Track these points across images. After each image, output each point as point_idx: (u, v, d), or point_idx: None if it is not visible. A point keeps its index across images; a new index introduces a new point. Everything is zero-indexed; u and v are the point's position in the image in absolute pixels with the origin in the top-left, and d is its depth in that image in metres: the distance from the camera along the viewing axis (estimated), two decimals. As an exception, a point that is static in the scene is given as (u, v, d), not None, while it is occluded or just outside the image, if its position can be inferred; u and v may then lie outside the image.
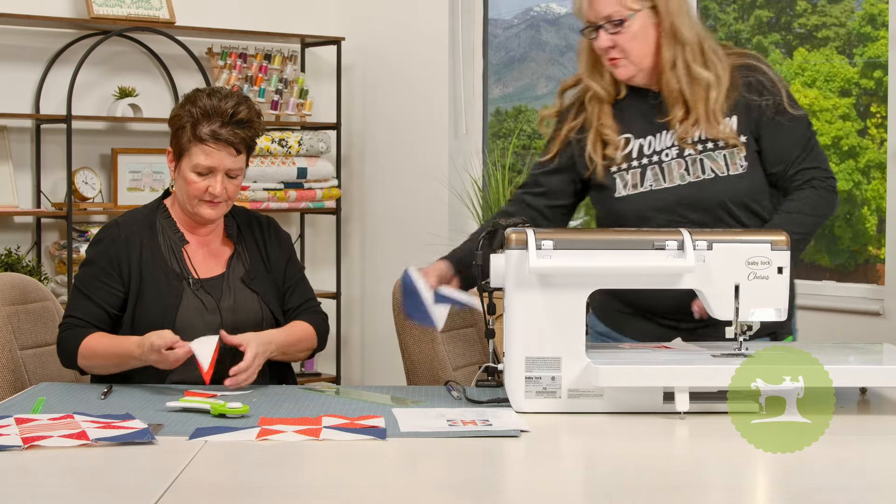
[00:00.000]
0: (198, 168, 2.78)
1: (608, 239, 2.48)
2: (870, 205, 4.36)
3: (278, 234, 2.99)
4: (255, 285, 2.87)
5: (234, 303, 2.84)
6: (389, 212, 5.57)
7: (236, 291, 2.85)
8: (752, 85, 2.74)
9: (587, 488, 2.00)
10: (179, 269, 2.83)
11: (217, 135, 2.77)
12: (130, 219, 2.89)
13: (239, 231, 2.94)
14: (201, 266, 2.87)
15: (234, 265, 2.89)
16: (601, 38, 2.72)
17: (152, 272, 2.81)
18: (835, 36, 4.51)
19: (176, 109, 2.84)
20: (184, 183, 2.81)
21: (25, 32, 4.91)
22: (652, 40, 2.72)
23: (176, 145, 2.82)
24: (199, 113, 2.78)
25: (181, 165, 2.81)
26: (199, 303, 2.81)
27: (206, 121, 2.78)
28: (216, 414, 2.36)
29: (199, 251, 2.88)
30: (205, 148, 2.78)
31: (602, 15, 2.71)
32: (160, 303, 2.79)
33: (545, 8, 5.53)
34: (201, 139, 2.78)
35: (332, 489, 1.91)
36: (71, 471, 1.99)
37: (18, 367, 2.86)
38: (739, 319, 2.47)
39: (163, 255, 2.84)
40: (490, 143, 5.42)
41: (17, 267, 4.65)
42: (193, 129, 2.78)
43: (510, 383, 2.44)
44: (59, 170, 4.92)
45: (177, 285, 2.81)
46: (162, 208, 2.91)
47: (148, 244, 2.84)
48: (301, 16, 5.55)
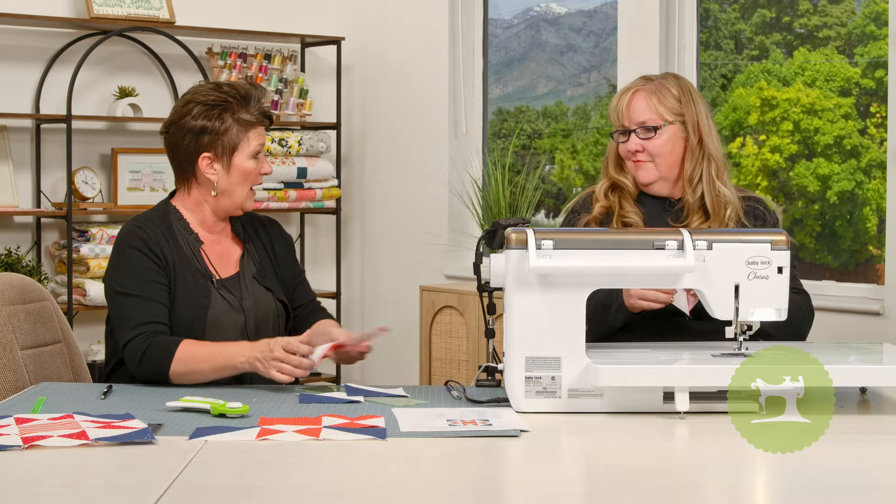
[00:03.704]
0: (255, 151, 2.84)
1: (608, 239, 2.48)
2: (870, 204, 4.35)
3: (281, 233, 3.02)
4: (268, 283, 2.90)
5: (255, 301, 2.86)
6: (389, 212, 5.57)
7: (253, 290, 2.87)
8: (751, 212, 2.93)
9: (587, 488, 2.00)
10: (203, 269, 2.84)
11: (262, 112, 2.85)
12: (149, 221, 2.86)
13: (244, 231, 2.95)
14: (218, 265, 2.88)
15: (246, 264, 2.91)
16: (632, 141, 2.91)
17: (181, 272, 2.81)
18: (836, 36, 4.51)
19: (199, 120, 2.81)
20: (240, 175, 2.84)
21: (25, 32, 4.91)
22: (678, 153, 2.92)
23: (222, 146, 2.82)
24: (235, 103, 2.82)
25: (233, 161, 2.83)
26: (226, 303, 2.82)
27: (245, 106, 2.83)
28: (216, 414, 2.35)
29: (214, 251, 2.89)
30: (257, 129, 2.85)
31: (637, 121, 2.90)
32: (190, 303, 2.78)
33: (545, 8, 5.53)
34: (251, 123, 2.83)
35: (332, 489, 1.91)
36: (71, 471, 1.99)
37: (18, 367, 2.86)
38: (739, 319, 2.47)
39: (186, 255, 2.84)
40: (490, 143, 5.42)
41: (16, 267, 4.65)
42: (237, 118, 2.82)
43: (510, 383, 2.44)
44: (59, 170, 4.91)
45: (204, 285, 2.82)
46: (173, 210, 2.90)
47: (173, 244, 2.83)
48: (301, 16, 5.55)
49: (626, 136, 2.91)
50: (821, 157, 4.45)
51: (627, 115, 2.91)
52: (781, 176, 4.59)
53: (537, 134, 5.52)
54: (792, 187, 4.55)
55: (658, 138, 2.89)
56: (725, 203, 2.89)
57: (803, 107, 4.52)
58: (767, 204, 2.98)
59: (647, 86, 2.92)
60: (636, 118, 2.90)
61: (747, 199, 2.96)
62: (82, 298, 4.82)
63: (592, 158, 5.23)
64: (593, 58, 5.36)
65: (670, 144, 2.90)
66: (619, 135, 2.93)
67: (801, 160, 4.51)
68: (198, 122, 2.82)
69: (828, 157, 4.44)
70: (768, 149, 4.58)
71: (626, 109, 2.91)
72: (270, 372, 2.60)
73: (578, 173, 5.34)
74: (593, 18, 5.35)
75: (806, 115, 4.52)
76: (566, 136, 5.42)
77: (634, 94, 2.91)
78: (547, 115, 5.52)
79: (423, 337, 4.94)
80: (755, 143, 4.64)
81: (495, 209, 4.87)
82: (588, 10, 5.37)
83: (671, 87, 2.91)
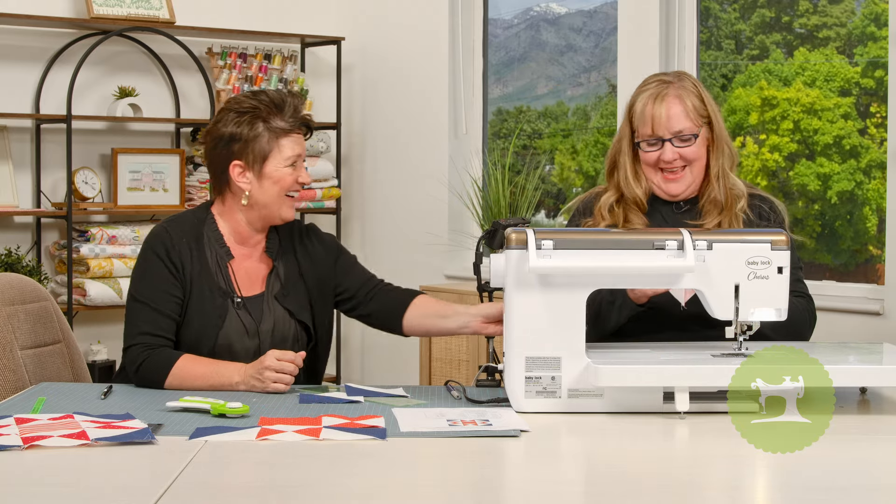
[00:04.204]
0: (290, 159, 2.79)
1: (608, 239, 2.48)
2: (870, 204, 4.35)
3: (318, 237, 2.95)
4: (289, 303, 2.83)
5: (273, 325, 2.81)
6: (389, 212, 5.57)
7: (274, 310, 2.82)
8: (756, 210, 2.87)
9: (587, 488, 2.00)
10: (225, 286, 2.79)
11: (296, 121, 2.81)
12: (179, 227, 2.81)
13: (280, 245, 2.88)
14: (244, 283, 2.82)
15: (272, 283, 2.84)
16: (668, 150, 2.80)
17: (199, 286, 2.76)
18: (835, 36, 4.51)
19: (229, 127, 2.78)
20: (273, 183, 2.77)
21: (25, 32, 4.91)
22: (705, 153, 2.84)
23: (252, 154, 2.77)
24: (265, 111, 2.78)
25: (265, 169, 2.77)
26: (241, 325, 2.77)
27: (278, 113, 2.79)
28: (216, 414, 2.35)
29: (242, 267, 2.83)
30: (291, 137, 2.80)
31: (674, 130, 2.80)
32: (203, 321, 2.75)
33: (545, 8, 5.53)
34: (284, 130, 2.79)
35: (332, 489, 1.91)
36: (71, 471, 1.99)
37: (18, 368, 2.85)
38: (739, 319, 2.47)
39: (209, 270, 2.79)
40: (490, 143, 5.42)
41: (16, 267, 4.65)
42: (269, 126, 2.77)
43: (510, 383, 2.44)
44: (59, 170, 4.91)
45: (221, 304, 2.77)
46: (210, 219, 2.85)
47: (197, 256, 2.79)
48: (301, 16, 5.55)
49: (660, 145, 2.80)
50: (822, 157, 4.45)
51: (666, 125, 2.78)
52: (781, 176, 4.59)
53: (537, 134, 5.52)
54: (792, 187, 4.55)
55: (694, 145, 2.81)
56: (738, 195, 2.84)
57: (803, 106, 4.52)
58: (776, 205, 2.90)
59: (671, 90, 2.80)
60: (674, 127, 2.79)
61: (753, 197, 2.89)
62: (82, 298, 4.81)
63: (592, 159, 5.23)
64: (593, 58, 5.36)
65: (703, 148, 2.83)
66: (647, 144, 2.81)
67: (801, 160, 4.51)
68: (228, 130, 2.78)
69: (828, 157, 4.45)
70: (768, 148, 4.58)
71: (666, 119, 2.78)
72: (267, 385, 2.59)
73: (578, 174, 5.34)
74: (593, 18, 5.35)
75: (806, 114, 4.52)
76: (566, 137, 5.42)
77: (667, 101, 2.79)
78: (547, 115, 5.52)
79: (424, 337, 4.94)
80: (755, 143, 4.64)
81: (495, 209, 4.87)
82: (588, 10, 5.37)
83: (691, 88, 2.82)
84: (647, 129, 2.80)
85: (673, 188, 2.84)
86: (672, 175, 2.82)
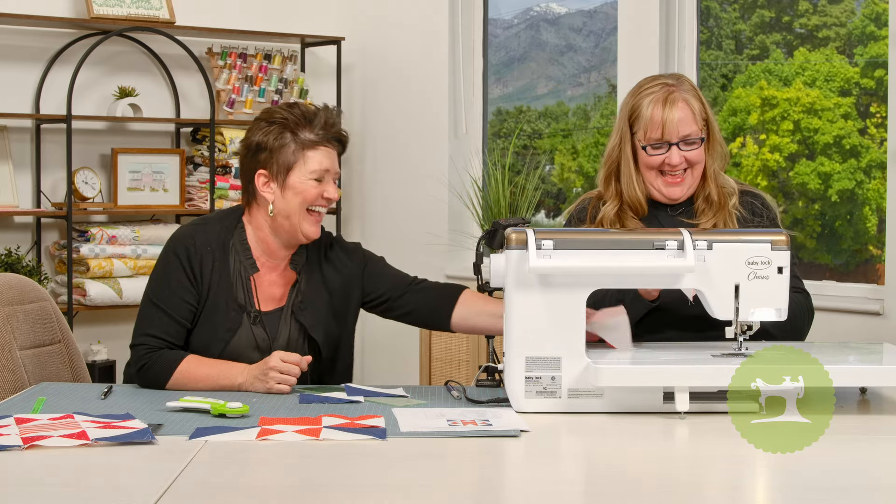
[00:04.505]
0: (315, 173, 2.74)
1: (608, 239, 2.48)
2: (870, 204, 4.35)
3: (343, 248, 2.91)
4: (304, 315, 2.81)
5: (288, 340, 2.79)
6: (389, 212, 5.57)
7: (290, 327, 2.80)
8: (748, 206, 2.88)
9: (587, 488, 2.00)
10: (244, 300, 2.77)
11: (327, 134, 2.76)
12: (205, 233, 2.79)
13: (307, 259, 2.85)
14: (265, 297, 2.80)
15: (293, 297, 2.82)
16: (674, 154, 2.79)
17: (216, 297, 2.75)
18: (835, 36, 4.51)
19: (257, 136, 2.76)
20: (295, 195, 2.74)
21: (25, 32, 4.91)
22: (704, 157, 2.84)
23: (277, 164, 2.74)
24: (294, 122, 2.74)
25: (288, 181, 2.74)
26: (253, 339, 2.76)
27: (307, 125, 2.75)
28: (216, 414, 2.36)
29: (265, 280, 2.81)
30: (320, 150, 2.75)
31: (683, 134, 2.79)
32: (213, 332, 2.74)
33: (545, 8, 5.53)
34: (312, 143, 2.74)
35: (332, 489, 1.91)
36: (71, 471, 1.99)
37: (18, 368, 2.86)
38: (739, 319, 2.47)
39: (230, 281, 2.77)
40: (490, 143, 5.42)
41: (16, 267, 4.65)
42: (296, 137, 2.74)
43: (510, 383, 2.44)
44: (59, 170, 4.91)
45: (235, 317, 2.75)
46: (240, 228, 2.82)
47: (219, 266, 2.77)
48: (301, 16, 5.55)
49: (665, 149, 2.79)
50: (822, 157, 4.45)
51: (676, 130, 2.77)
52: (781, 176, 4.59)
53: (537, 134, 5.52)
54: (792, 187, 4.55)
55: (698, 148, 2.81)
56: (730, 193, 2.85)
57: (803, 106, 4.52)
58: (767, 201, 2.91)
59: (678, 94, 2.79)
60: (683, 131, 2.78)
61: (744, 194, 2.89)
62: (82, 298, 4.81)
63: (592, 159, 5.23)
64: (593, 58, 5.36)
65: (704, 150, 2.83)
66: (653, 148, 2.80)
67: (801, 159, 4.52)
68: (256, 139, 2.77)
69: (828, 157, 4.45)
70: (768, 148, 4.58)
71: (677, 123, 2.77)
72: (271, 385, 2.59)
73: (578, 174, 5.34)
74: (593, 18, 5.35)
75: (806, 114, 4.52)
76: (566, 137, 5.42)
77: (678, 105, 2.77)
78: (547, 115, 5.52)
79: (423, 337, 4.94)
80: (755, 143, 4.64)
81: (495, 209, 4.87)
82: (588, 10, 5.37)
83: (692, 91, 2.81)
84: (655, 133, 2.78)
85: (675, 192, 2.83)
86: (674, 179, 2.81)
